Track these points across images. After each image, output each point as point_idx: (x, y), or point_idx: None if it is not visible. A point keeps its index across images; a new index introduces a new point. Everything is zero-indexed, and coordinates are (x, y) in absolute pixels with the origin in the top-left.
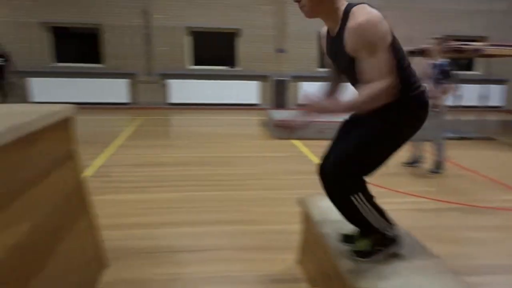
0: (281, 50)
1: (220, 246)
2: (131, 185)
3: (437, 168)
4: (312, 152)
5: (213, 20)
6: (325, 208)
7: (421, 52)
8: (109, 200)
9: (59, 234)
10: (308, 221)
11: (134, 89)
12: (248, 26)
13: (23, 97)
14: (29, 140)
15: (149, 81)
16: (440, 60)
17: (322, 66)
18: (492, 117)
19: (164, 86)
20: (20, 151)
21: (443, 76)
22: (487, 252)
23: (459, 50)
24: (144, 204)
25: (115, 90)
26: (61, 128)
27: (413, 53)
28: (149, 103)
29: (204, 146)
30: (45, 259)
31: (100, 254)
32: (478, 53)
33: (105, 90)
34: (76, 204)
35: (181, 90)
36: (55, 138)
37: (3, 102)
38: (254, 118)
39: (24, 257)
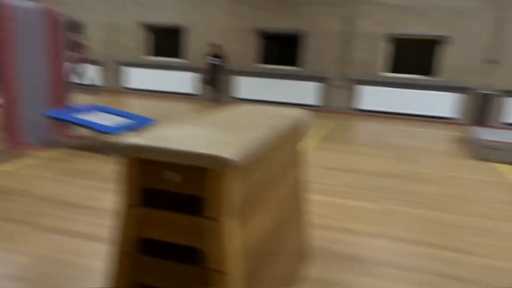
0: (493, 61)
1: (418, 267)
2: (326, 188)
3: None
4: None
5: (418, 26)
6: None
7: None
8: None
9: (284, 224)
10: None
11: (326, 92)
12: (457, 33)
13: (230, 93)
14: (283, 139)
15: (341, 86)
16: None
17: None
18: None
19: (355, 92)
20: (277, 148)
21: None
22: None
23: None
24: (340, 209)
25: (308, 92)
26: (299, 131)
27: None
28: (339, 108)
29: (396, 158)
30: (276, 245)
31: (303, 249)
32: None
33: (298, 91)
34: (297, 198)
35: (373, 97)
36: (295, 139)
37: (217, 97)
38: (449, 133)
39: (267, 243)
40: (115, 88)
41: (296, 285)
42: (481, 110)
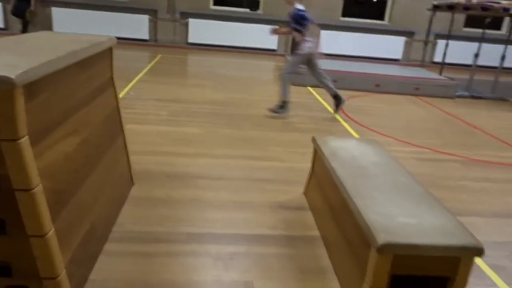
0: None
1: (235, 177)
2: (153, 118)
3: (281, 108)
4: (324, 100)
5: None
6: (335, 147)
7: None
8: (133, 129)
9: (101, 149)
10: (318, 157)
11: (154, 26)
12: None
13: (45, 27)
14: (84, 64)
15: (170, 19)
16: (294, 9)
17: (347, 15)
18: (509, 78)
19: (184, 25)
20: (79, 73)
21: (295, 22)
22: (478, 198)
23: (485, 8)
24: (167, 135)
25: (136, 26)
26: (106, 57)
27: None
28: (169, 42)
29: (222, 87)
30: (91, 168)
31: (129, 172)
32: (507, 12)
33: (126, 25)
34: (115, 125)
35: (201, 31)
36: (102, 65)
37: (25, 30)
38: (271, 64)
39: (77, 163)
40: None
41: (122, 204)
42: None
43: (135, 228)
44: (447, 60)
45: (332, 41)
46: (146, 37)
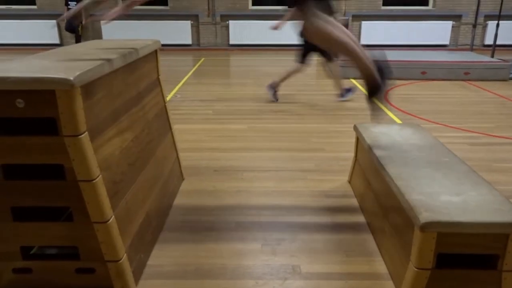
0: None
1: (280, 168)
2: (199, 117)
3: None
4: None
5: None
6: (376, 133)
7: None
8: (181, 129)
9: (152, 145)
10: (360, 144)
11: (196, 30)
12: None
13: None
14: (133, 66)
15: (211, 22)
16: None
17: (388, 3)
18: None
19: (225, 27)
20: (128, 75)
21: None
22: None
23: None
24: (213, 133)
25: (179, 31)
26: (152, 59)
27: None
28: (211, 45)
29: (264, 84)
30: (144, 163)
31: (179, 168)
32: None
33: (170, 31)
34: (163, 123)
35: (242, 31)
36: (149, 67)
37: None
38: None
39: (131, 158)
40: None
41: (174, 198)
42: None
43: (187, 218)
44: (499, 42)
45: (374, 31)
46: (189, 41)
